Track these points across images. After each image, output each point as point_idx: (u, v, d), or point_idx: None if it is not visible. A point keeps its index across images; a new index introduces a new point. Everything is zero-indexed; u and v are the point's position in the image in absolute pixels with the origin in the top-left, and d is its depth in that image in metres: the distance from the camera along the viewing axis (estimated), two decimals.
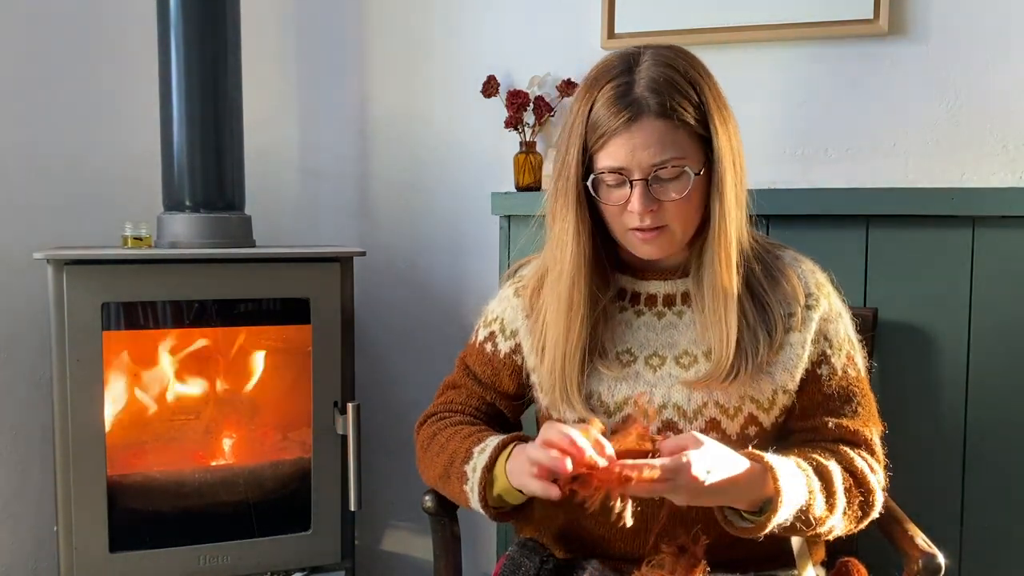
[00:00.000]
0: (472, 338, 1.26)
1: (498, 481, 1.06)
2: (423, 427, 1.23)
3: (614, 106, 1.03)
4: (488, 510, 1.08)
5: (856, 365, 1.13)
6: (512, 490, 1.04)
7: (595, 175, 1.05)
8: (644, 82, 1.03)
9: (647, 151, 1.02)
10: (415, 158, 2.04)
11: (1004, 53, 1.60)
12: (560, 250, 1.09)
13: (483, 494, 1.07)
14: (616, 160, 1.03)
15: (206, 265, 1.64)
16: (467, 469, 1.09)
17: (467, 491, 1.09)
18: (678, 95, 1.03)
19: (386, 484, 2.09)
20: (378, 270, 2.03)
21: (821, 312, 1.11)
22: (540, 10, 1.90)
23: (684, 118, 1.03)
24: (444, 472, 1.14)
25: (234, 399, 1.78)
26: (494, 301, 1.25)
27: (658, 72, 1.03)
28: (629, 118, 1.02)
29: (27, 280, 1.78)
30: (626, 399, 1.10)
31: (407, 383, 2.06)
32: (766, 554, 1.13)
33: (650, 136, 1.02)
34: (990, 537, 1.53)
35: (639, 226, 1.05)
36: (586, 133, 1.05)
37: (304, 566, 1.73)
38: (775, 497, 0.97)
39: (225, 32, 1.71)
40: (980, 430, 1.53)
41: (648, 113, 1.02)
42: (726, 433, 1.08)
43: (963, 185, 1.62)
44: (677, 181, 1.03)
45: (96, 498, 1.59)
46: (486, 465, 1.07)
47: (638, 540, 1.11)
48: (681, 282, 1.14)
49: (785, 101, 1.73)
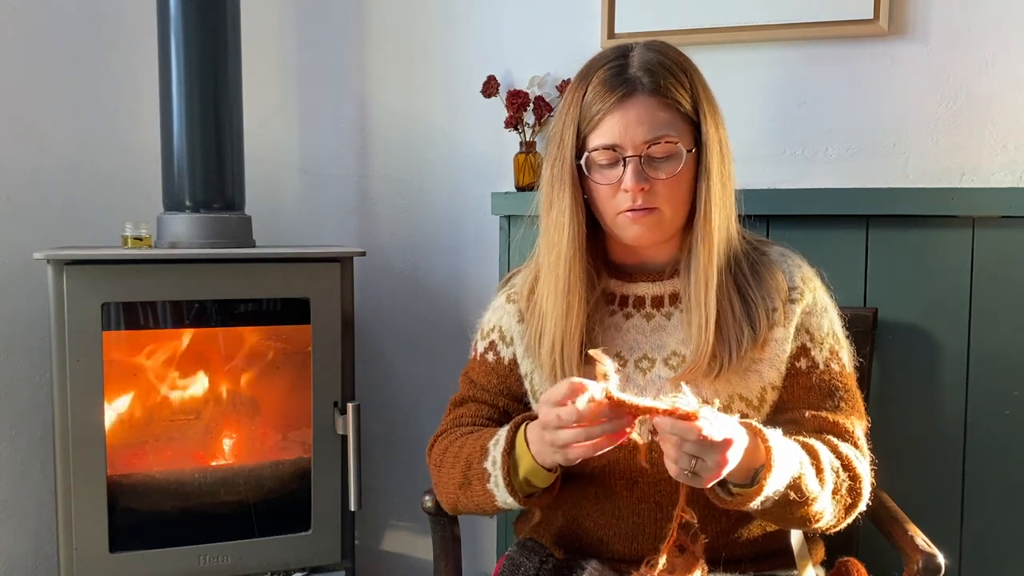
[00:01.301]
0: (472, 353, 1.25)
1: (523, 461, 1.04)
2: (434, 448, 1.20)
3: (608, 85, 1.05)
4: (518, 497, 1.05)
5: (840, 360, 1.12)
6: (538, 469, 1.02)
7: (588, 153, 1.06)
8: (637, 63, 1.06)
9: (640, 127, 1.03)
10: (415, 158, 2.04)
11: (1004, 53, 1.60)
12: (557, 233, 1.09)
13: (508, 480, 1.04)
14: (610, 137, 1.05)
15: (206, 265, 1.64)
16: (487, 465, 1.07)
17: (491, 489, 1.06)
18: (671, 77, 1.06)
19: (386, 484, 2.09)
20: (378, 270, 2.03)
21: (803, 306, 1.11)
22: (540, 10, 1.90)
23: (676, 98, 1.06)
24: (463, 479, 1.11)
25: (234, 399, 1.78)
26: (488, 313, 1.25)
27: (651, 56, 1.07)
28: (623, 95, 1.04)
29: (27, 280, 1.78)
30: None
31: (407, 383, 2.06)
32: (766, 553, 1.13)
33: (643, 112, 1.04)
34: (990, 537, 1.53)
35: (631, 206, 1.05)
36: (580, 116, 1.07)
37: (304, 566, 1.73)
38: (767, 460, 0.95)
39: (225, 32, 1.71)
40: (980, 430, 1.53)
41: (642, 90, 1.05)
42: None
43: (963, 185, 1.62)
44: (668, 161, 1.05)
45: (96, 498, 1.58)
46: (504, 450, 1.04)
47: (637, 540, 1.11)
48: (669, 283, 1.14)
49: (785, 101, 1.73)
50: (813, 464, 1.00)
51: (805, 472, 0.98)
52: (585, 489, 1.13)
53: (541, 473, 1.03)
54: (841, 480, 1.03)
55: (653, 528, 1.10)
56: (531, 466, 1.03)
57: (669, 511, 1.08)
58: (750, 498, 0.95)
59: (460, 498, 1.13)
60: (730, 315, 1.08)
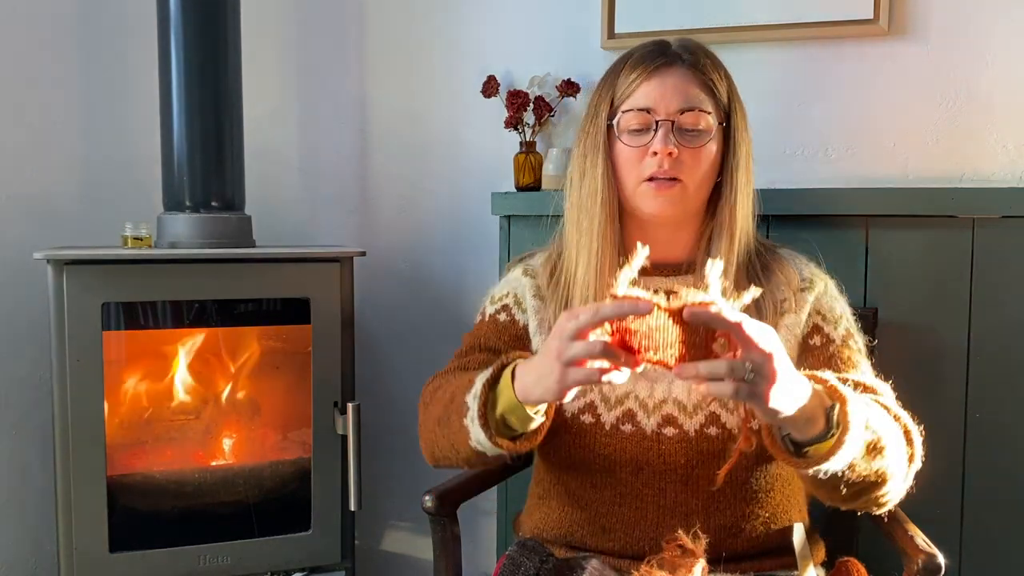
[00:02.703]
0: (479, 318, 1.24)
1: (503, 396, 0.96)
2: (427, 387, 1.16)
3: (646, 58, 1.09)
4: (491, 436, 0.96)
5: (857, 344, 1.12)
6: (517, 407, 0.94)
7: (621, 115, 1.08)
8: (677, 44, 1.11)
9: (676, 96, 1.07)
10: (415, 158, 2.04)
11: (1004, 53, 1.60)
12: (591, 199, 1.10)
13: (483, 413, 0.96)
14: (645, 101, 1.07)
15: (206, 265, 1.64)
16: (467, 398, 0.99)
17: (467, 425, 0.98)
18: (710, 60, 1.10)
19: (386, 484, 2.09)
20: (378, 270, 2.03)
21: (815, 293, 1.13)
22: (540, 10, 1.90)
23: (713, 79, 1.09)
24: (443, 413, 1.05)
25: (234, 399, 1.78)
26: (500, 284, 1.25)
27: (690, 42, 1.11)
28: (663, 64, 1.08)
29: (27, 280, 1.78)
30: (627, 393, 1.11)
31: (407, 383, 2.06)
32: (767, 552, 1.13)
33: (680, 82, 1.07)
34: (990, 537, 1.53)
35: (656, 172, 1.06)
36: (615, 91, 1.09)
37: (304, 566, 1.73)
38: (841, 404, 0.86)
39: (225, 32, 1.71)
40: (980, 430, 1.52)
41: (681, 64, 1.08)
42: (727, 427, 1.08)
43: (963, 185, 1.62)
44: (698, 135, 1.07)
45: (96, 498, 1.59)
46: (487, 381, 0.97)
47: (639, 527, 1.11)
48: (682, 279, 1.14)
49: (785, 101, 1.73)
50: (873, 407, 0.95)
51: (873, 414, 0.92)
52: (586, 477, 1.14)
53: (520, 412, 0.95)
54: (895, 427, 0.97)
55: (656, 515, 1.10)
56: (510, 402, 0.95)
57: (671, 499, 1.09)
58: (832, 451, 0.86)
59: (437, 437, 1.07)
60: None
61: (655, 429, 1.09)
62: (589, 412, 1.12)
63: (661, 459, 1.09)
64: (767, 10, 1.70)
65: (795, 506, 1.16)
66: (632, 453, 1.10)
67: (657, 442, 1.09)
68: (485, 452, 1.00)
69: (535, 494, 1.24)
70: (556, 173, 1.75)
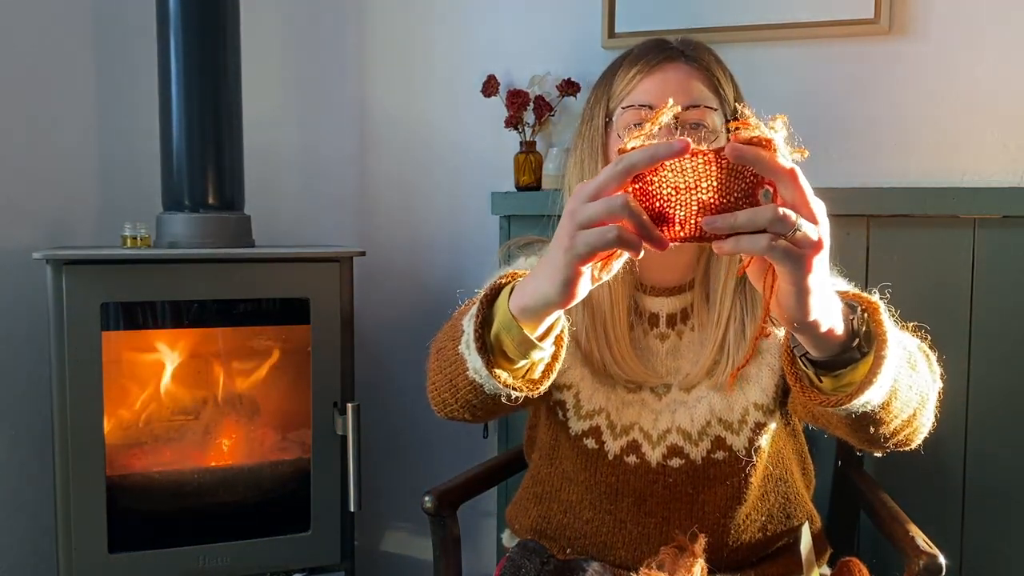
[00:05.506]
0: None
1: (498, 313, 0.80)
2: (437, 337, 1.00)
3: (646, 54, 1.04)
4: (487, 361, 0.80)
5: None
6: (511, 323, 0.78)
7: (621, 110, 1.04)
8: (678, 41, 1.06)
9: (679, 91, 1.01)
10: (415, 158, 2.04)
11: (1005, 53, 1.60)
12: None
13: (479, 334, 0.80)
14: (646, 97, 1.03)
15: (206, 265, 1.64)
16: (464, 321, 0.85)
17: (462, 352, 0.84)
18: (713, 57, 1.06)
19: (386, 484, 2.08)
20: (378, 270, 2.03)
21: None
22: (540, 10, 1.90)
23: (718, 76, 1.04)
24: (442, 343, 0.92)
25: (233, 399, 1.78)
26: (505, 268, 1.17)
27: (692, 40, 1.07)
28: (664, 59, 1.03)
29: (27, 280, 1.78)
30: (632, 423, 1.10)
31: (407, 383, 2.06)
32: (768, 556, 1.13)
33: (683, 77, 1.02)
34: (990, 537, 1.52)
35: None
36: (611, 91, 1.05)
37: (304, 567, 1.72)
38: (874, 312, 0.75)
39: (225, 33, 1.71)
40: (980, 430, 1.52)
41: (683, 59, 1.04)
42: (733, 449, 1.07)
43: (963, 185, 1.62)
44: (701, 133, 1.02)
45: (95, 498, 1.58)
46: (483, 298, 0.82)
47: (640, 548, 1.10)
48: (680, 299, 1.13)
49: (785, 101, 1.73)
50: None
51: (905, 333, 0.83)
52: (586, 496, 1.13)
53: (514, 330, 0.78)
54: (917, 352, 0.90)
55: (658, 539, 1.09)
56: (505, 319, 0.79)
57: (676, 524, 1.07)
58: (875, 369, 0.75)
59: (436, 376, 0.93)
60: (735, 319, 1.08)
61: (660, 461, 1.08)
62: (593, 437, 1.10)
63: (667, 490, 1.08)
64: (767, 10, 1.70)
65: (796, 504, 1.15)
66: (635, 486, 1.09)
67: (663, 474, 1.08)
68: (483, 386, 0.83)
69: (533, 493, 1.22)
70: (556, 173, 1.75)
